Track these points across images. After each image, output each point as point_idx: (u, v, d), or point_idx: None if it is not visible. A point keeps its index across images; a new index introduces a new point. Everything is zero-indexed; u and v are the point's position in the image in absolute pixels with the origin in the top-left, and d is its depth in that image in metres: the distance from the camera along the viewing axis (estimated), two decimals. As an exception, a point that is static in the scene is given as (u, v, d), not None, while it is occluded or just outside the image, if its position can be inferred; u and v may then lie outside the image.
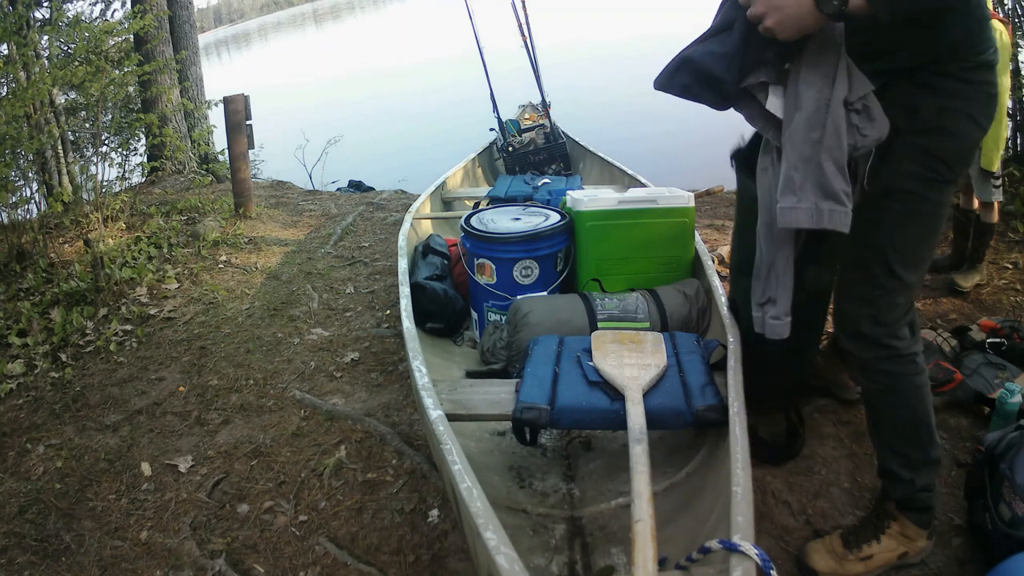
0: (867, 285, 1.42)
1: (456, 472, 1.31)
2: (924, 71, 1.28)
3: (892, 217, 1.36)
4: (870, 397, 1.56)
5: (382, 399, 2.40)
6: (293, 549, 1.78)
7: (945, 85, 1.27)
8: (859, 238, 1.35)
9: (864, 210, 1.34)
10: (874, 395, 1.53)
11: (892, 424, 1.53)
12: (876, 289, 1.41)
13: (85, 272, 3.48)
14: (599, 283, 2.46)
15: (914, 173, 1.31)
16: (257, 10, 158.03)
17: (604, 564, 1.54)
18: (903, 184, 1.33)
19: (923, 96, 1.29)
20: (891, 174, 1.33)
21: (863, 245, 1.40)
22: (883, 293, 1.40)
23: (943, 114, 1.29)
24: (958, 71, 1.27)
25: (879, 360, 1.45)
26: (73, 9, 7.55)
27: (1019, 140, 3.63)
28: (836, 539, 1.61)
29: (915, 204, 1.34)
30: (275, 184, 6.18)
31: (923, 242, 1.39)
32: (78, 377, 2.73)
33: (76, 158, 5.77)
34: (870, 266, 1.40)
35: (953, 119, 1.29)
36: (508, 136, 4.78)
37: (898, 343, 1.44)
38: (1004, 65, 2.44)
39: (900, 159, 1.32)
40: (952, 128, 1.29)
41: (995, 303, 2.63)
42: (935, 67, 1.27)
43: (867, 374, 1.50)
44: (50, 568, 1.79)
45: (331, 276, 3.59)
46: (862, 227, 1.34)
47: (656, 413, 1.62)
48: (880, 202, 1.35)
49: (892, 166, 1.32)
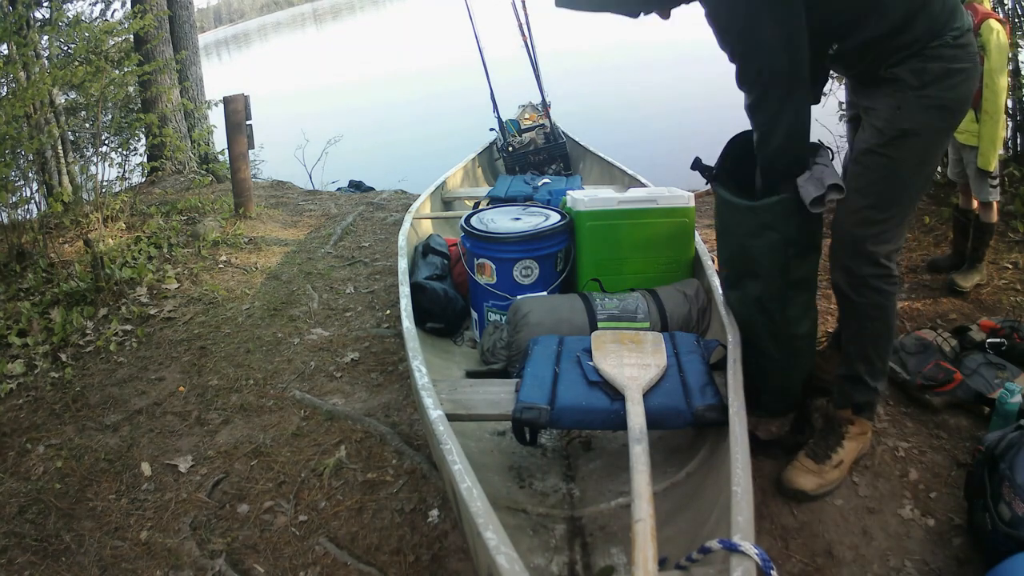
0: (875, 210, 1.62)
1: (456, 472, 1.31)
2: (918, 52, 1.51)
3: (909, 151, 1.58)
4: (855, 310, 1.73)
5: (382, 399, 2.40)
6: (293, 549, 1.78)
7: (942, 52, 1.51)
8: (871, 173, 1.61)
9: (881, 148, 1.58)
10: (860, 309, 1.71)
11: (870, 336, 1.74)
12: (883, 213, 1.62)
13: (85, 272, 3.48)
14: (599, 283, 2.46)
15: (924, 120, 1.54)
16: (257, 10, 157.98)
17: (604, 564, 1.54)
18: (916, 127, 1.55)
19: (928, 62, 1.51)
20: (907, 119, 1.54)
21: (876, 179, 1.61)
22: (889, 217, 1.62)
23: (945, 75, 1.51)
24: (951, 40, 1.50)
25: (873, 277, 1.66)
26: (73, 9, 7.55)
27: (1019, 140, 3.63)
28: (805, 459, 1.80)
29: (926, 142, 1.58)
30: (275, 184, 6.18)
31: (926, 177, 1.66)
32: (78, 377, 2.73)
33: (76, 158, 5.77)
34: (881, 194, 1.61)
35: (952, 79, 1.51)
36: (508, 136, 4.78)
37: (891, 265, 1.67)
38: (1002, 66, 2.44)
39: (913, 109, 1.54)
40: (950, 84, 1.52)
41: (995, 303, 2.63)
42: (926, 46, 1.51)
43: (859, 290, 1.68)
44: (50, 568, 1.79)
45: (331, 276, 3.59)
46: (874, 164, 1.60)
47: (656, 413, 1.62)
48: (899, 141, 1.56)
49: (907, 114, 1.54)
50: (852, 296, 1.70)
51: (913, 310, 2.63)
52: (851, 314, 1.75)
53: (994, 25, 2.40)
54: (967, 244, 2.77)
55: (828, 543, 1.65)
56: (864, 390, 1.79)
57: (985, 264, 2.75)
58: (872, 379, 1.78)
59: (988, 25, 2.39)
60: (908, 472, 1.85)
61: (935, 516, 1.71)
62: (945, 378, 2.05)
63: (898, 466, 1.87)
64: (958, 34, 1.50)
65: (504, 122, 4.87)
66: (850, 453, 1.81)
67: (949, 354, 2.17)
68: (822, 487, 1.76)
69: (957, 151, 2.73)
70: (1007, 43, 2.47)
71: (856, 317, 1.74)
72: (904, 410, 2.08)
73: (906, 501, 1.76)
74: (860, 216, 1.64)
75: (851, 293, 1.70)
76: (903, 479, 1.83)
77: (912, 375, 2.10)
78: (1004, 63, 2.47)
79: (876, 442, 1.95)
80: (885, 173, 1.61)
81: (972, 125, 2.57)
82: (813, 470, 1.77)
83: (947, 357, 2.15)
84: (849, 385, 1.81)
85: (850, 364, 1.79)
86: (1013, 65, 3.25)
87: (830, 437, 1.82)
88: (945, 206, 3.35)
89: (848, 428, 1.82)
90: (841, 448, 1.79)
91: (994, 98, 2.44)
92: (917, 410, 2.07)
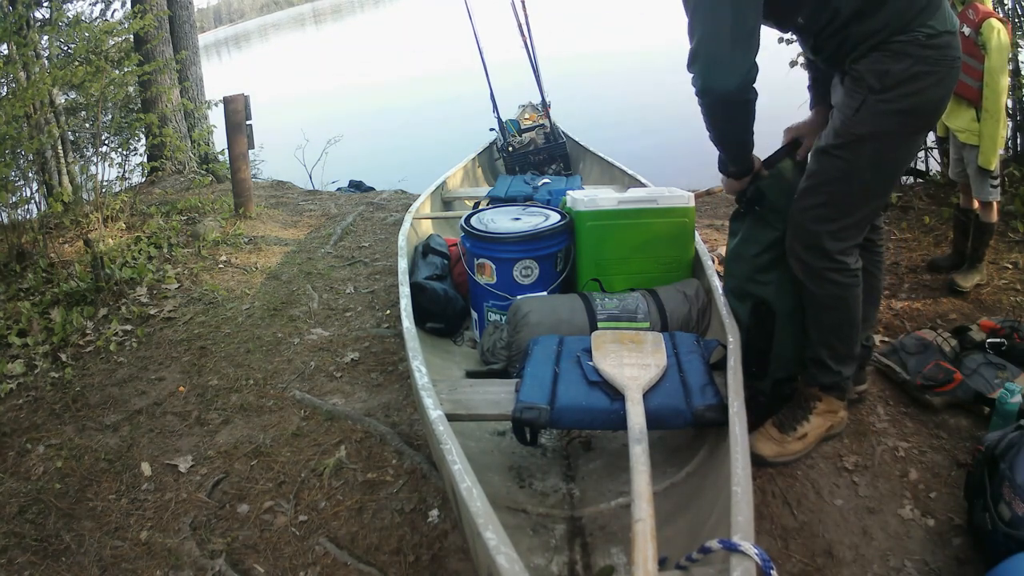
0: (830, 209, 1.64)
1: (456, 472, 1.31)
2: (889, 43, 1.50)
3: (865, 156, 1.58)
4: (813, 300, 1.76)
5: (382, 399, 2.40)
6: (293, 549, 1.78)
7: (909, 50, 1.49)
8: (825, 174, 1.63)
9: (836, 149, 1.59)
10: (818, 299, 1.75)
11: (830, 324, 1.78)
12: (838, 213, 1.64)
13: (85, 272, 3.48)
14: (599, 283, 2.46)
15: (881, 126, 1.54)
16: (257, 10, 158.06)
17: (604, 564, 1.54)
18: (872, 132, 1.55)
19: (893, 61, 1.50)
20: (864, 124, 1.54)
21: (830, 179, 1.62)
22: (845, 216, 1.64)
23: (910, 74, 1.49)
24: (922, 39, 1.48)
25: (829, 271, 1.69)
26: (73, 9, 7.55)
27: (1019, 140, 3.63)
28: (771, 428, 1.88)
29: (885, 148, 1.58)
30: (275, 184, 6.18)
31: (887, 179, 1.66)
32: (78, 377, 2.73)
33: (76, 158, 5.77)
34: (835, 195, 1.63)
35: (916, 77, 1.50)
36: (508, 136, 4.78)
37: (847, 259, 1.69)
38: (1003, 65, 2.44)
39: (871, 114, 1.53)
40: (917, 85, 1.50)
41: (995, 303, 2.63)
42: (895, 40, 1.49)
43: (815, 282, 1.72)
44: (50, 568, 1.79)
45: (331, 276, 3.59)
46: (829, 165, 1.62)
47: (656, 413, 1.62)
48: (854, 145, 1.57)
49: (864, 117, 1.54)
50: (809, 286, 1.74)
51: (913, 310, 2.63)
52: (810, 302, 1.78)
53: (995, 24, 2.39)
54: (967, 244, 2.77)
55: (828, 543, 1.65)
56: (828, 373, 1.83)
57: (985, 264, 2.75)
58: (836, 363, 1.81)
59: (989, 24, 2.39)
60: (908, 472, 1.85)
61: (935, 516, 1.70)
62: (945, 378, 2.05)
63: (898, 466, 1.87)
64: (933, 33, 1.47)
65: (504, 122, 4.86)
66: (816, 428, 1.87)
67: (949, 354, 2.17)
68: (781, 455, 1.85)
69: (958, 150, 2.73)
70: (1008, 42, 2.47)
71: (814, 305, 1.77)
72: (904, 410, 2.08)
73: (906, 501, 1.76)
74: (815, 213, 1.65)
75: (808, 283, 1.73)
76: (903, 479, 1.83)
77: (912, 375, 2.11)
78: (1005, 62, 2.47)
79: (876, 442, 1.95)
80: (839, 175, 1.61)
81: (973, 125, 2.56)
82: (776, 438, 1.86)
83: (947, 357, 2.15)
84: (814, 367, 1.85)
85: (813, 348, 1.83)
86: (1013, 65, 3.25)
87: (798, 411, 1.89)
88: (945, 206, 3.35)
89: (816, 404, 1.87)
90: (807, 422, 1.86)
91: (995, 97, 2.44)
92: (917, 410, 2.07)
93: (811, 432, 1.87)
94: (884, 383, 2.19)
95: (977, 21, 2.41)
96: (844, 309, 1.75)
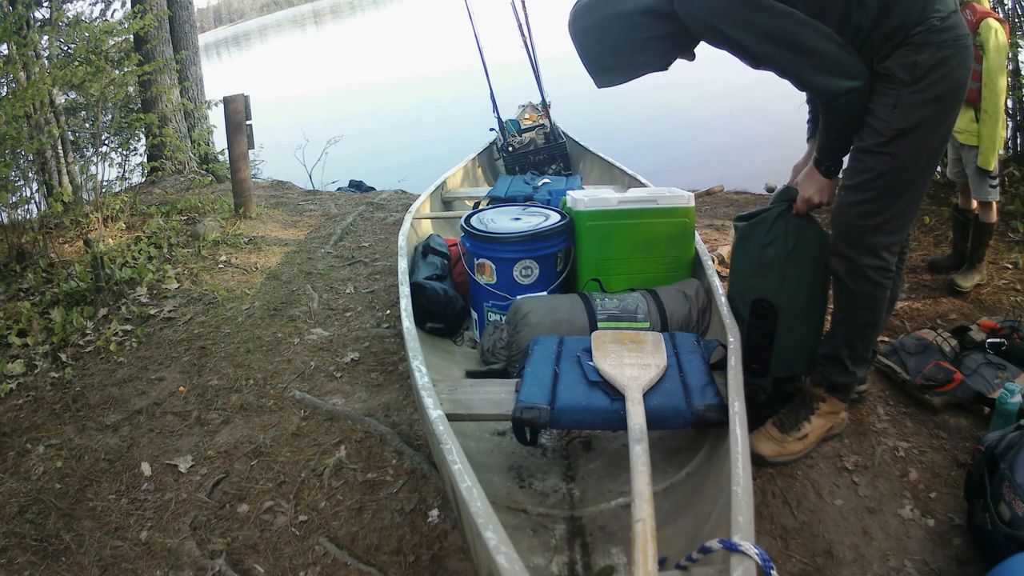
0: (877, 204, 1.65)
1: (456, 472, 1.31)
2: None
3: (908, 148, 1.59)
4: (849, 298, 1.76)
5: (382, 399, 2.40)
6: (293, 549, 1.78)
7: (930, 38, 1.51)
8: (871, 171, 1.62)
9: (880, 147, 1.60)
10: (855, 297, 1.74)
11: (857, 323, 1.78)
12: (885, 207, 1.65)
13: (85, 272, 3.48)
14: (599, 283, 2.46)
15: (921, 116, 1.55)
16: (257, 10, 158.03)
17: (604, 564, 1.54)
18: (913, 124, 1.56)
19: (917, 52, 1.52)
20: (903, 118, 1.55)
21: (876, 176, 1.63)
22: (891, 209, 1.65)
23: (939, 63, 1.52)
24: (937, 24, 1.50)
25: (871, 268, 1.69)
26: (73, 9, 7.56)
27: (1019, 140, 3.63)
28: (771, 427, 1.88)
29: (925, 136, 1.59)
30: (275, 184, 6.18)
31: (929, 169, 1.67)
32: (78, 377, 2.73)
33: (76, 158, 5.78)
34: (882, 190, 1.64)
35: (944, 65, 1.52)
36: (508, 136, 4.78)
37: (890, 258, 1.70)
38: (1001, 65, 2.44)
39: (908, 107, 1.55)
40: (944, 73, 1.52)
41: (995, 303, 2.63)
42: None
43: (855, 279, 1.72)
44: (50, 568, 1.79)
45: (331, 276, 3.59)
46: (875, 162, 1.62)
47: (656, 413, 1.62)
48: (898, 139, 1.58)
49: (903, 112, 1.55)
50: (848, 284, 1.74)
51: (913, 310, 2.63)
52: (844, 300, 1.78)
53: (993, 24, 2.39)
54: (967, 244, 2.77)
55: (828, 543, 1.65)
56: (843, 373, 1.84)
57: (985, 264, 2.75)
58: (852, 364, 1.83)
59: (987, 24, 2.38)
60: (908, 472, 1.85)
61: (935, 516, 1.71)
62: (945, 378, 2.05)
63: (898, 466, 1.87)
64: (944, 15, 1.51)
65: (504, 122, 4.86)
66: (817, 429, 1.87)
67: (949, 354, 2.17)
68: (781, 455, 1.85)
69: (957, 151, 2.73)
70: (1006, 43, 2.47)
71: (849, 304, 1.78)
72: (904, 410, 2.08)
73: (906, 501, 1.76)
74: (862, 208, 1.67)
75: (848, 281, 1.74)
76: (903, 479, 1.83)
77: (912, 375, 2.11)
78: (1003, 63, 2.47)
79: (876, 442, 1.95)
80: (885, 170, 1.63)
81: (972, 125, 2.56)
82: (776, 438, 1.86)
83: (947, 357, 2.15)
84: (829, 365, 1.85)
85: (835, 346, 1.83)
86: (1013, 65, 3.25)
87: (800, 410, 1.89)
88: (945, 206, 3.35)
89: (819, 405, 1.88)
90: (808, 423, 1.87)
91: (994, 98, 2.43)
92: (917, 410, 2.07)
93: (812, 432, 1.88)
94: (884, 383, 2.19)
95: (975, 21, 2.40)
96: (874, 308, 1.76)
